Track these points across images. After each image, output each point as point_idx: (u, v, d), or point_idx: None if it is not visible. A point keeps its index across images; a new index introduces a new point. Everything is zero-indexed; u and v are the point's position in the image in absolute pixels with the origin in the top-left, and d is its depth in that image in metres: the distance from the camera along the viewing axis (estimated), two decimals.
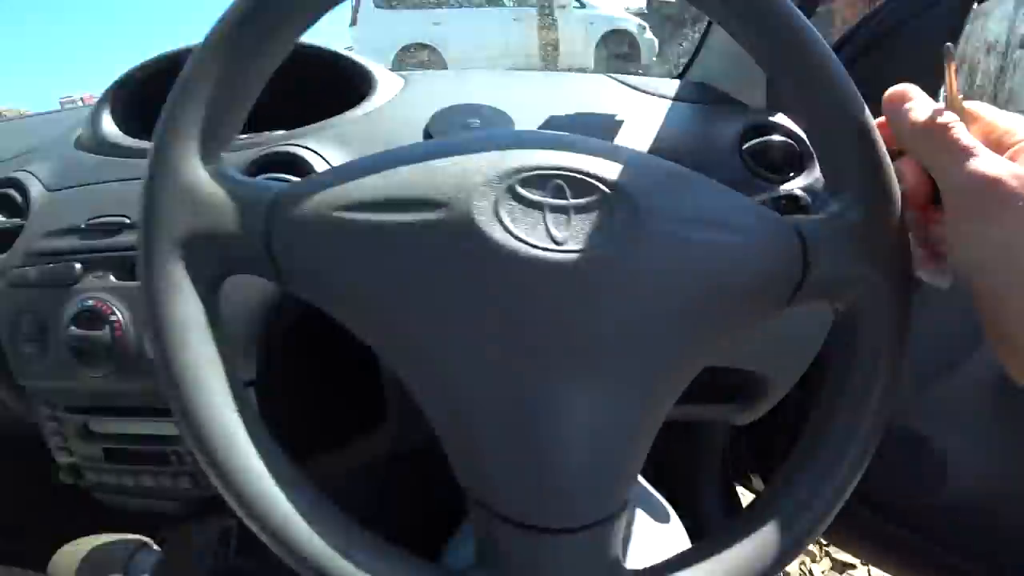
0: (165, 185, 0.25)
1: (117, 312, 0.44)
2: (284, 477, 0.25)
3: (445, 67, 5.26)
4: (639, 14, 6.60)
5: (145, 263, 0.25)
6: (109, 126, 0.57)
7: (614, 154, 0.28)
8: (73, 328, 0.44)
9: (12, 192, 0.53)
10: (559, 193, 0.26)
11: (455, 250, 0.25)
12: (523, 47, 5.27)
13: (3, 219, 0.51)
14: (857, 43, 0.68)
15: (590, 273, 0.25)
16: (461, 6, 5.54)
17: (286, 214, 0.26)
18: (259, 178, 0.47)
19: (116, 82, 0.60)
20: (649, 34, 6.11)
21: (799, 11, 0.28)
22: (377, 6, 5.38)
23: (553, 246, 0.24)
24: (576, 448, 0.25)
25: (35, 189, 0.53)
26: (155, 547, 0.41)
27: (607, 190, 0.26)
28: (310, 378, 0.57)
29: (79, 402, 0.49)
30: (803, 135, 0.54)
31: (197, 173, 0.26)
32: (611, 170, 0.26)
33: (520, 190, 0.25)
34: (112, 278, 0.46)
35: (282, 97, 0.62)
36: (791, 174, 0.52)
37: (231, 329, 0.44)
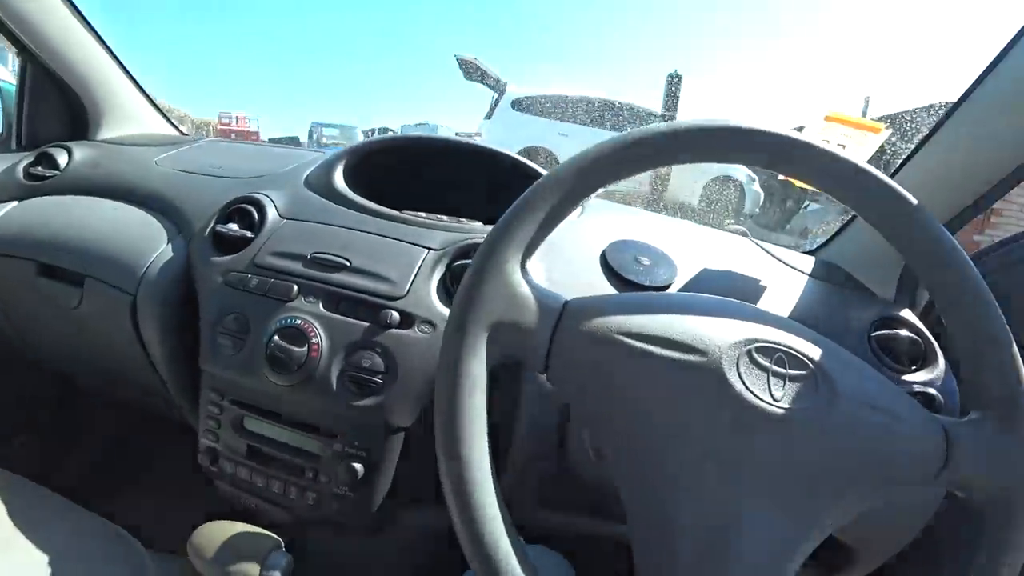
0: (491, 276, 0.33)
1: (318, 336, 0.52)
2: (510, 529, 0.31)
3: None
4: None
5: (458, 327, 0.32)
6: (339, 180, 0.69)
7: (821, 343, 0.35)
8: (277, 338, 0.52)
9: (251, 208, 0.64)
10: (780, 363, 0.33)
11: (704, 387, 0.32)
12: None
13: (236, 228, 0.62)
14: (998, 259, 0.71)
15: (794, 426, 0.32)
16: (588, 123, 6.05)
17: (574, 324, 0.33)
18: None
19: (353, 147, 0.73)
20: (756, 187, 6.28)
21: (948, 233, 0.36)
22: (513, 108, 6.04)
23: (772, 401, 0.32)
24: (754, 557, 0.30)
25: (271, 212, 0.64)
26: (284, 551, 0.45)
27: (815, 369, 0.33)
28: None
29: (248, 399, 0.56)
30: (928, 333, 0.58)
31: (515, 274, 0.34)
32: (819, 355, 0.34)
33: (755, 355, 0.33)
34: (321, 306, 0.54)
35: (481, 193, 0.73)
36: (913, 367, 0.55)
37: (411, 376, 0.51)
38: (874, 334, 0.57)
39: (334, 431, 0.53)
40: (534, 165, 0.71)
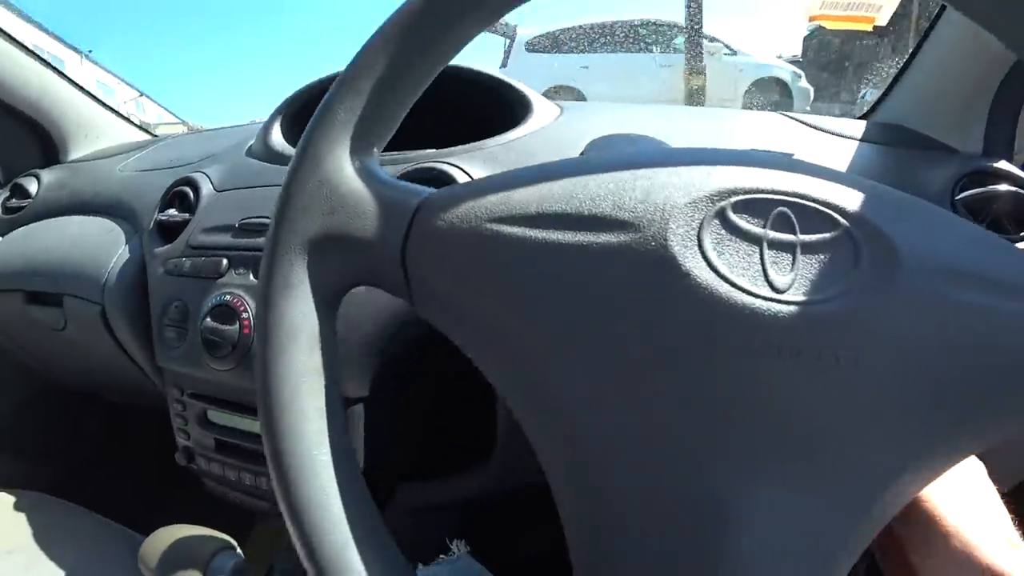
0: (304, 177, 0.23)
1: (249, 310, 0.46)
2: (353, 517, 0.21)
3: None
4: (794, 62, 6.23)
5: (267, 258, 0.23)
6: (277, 136, 0.61)
7: (855, 182, 0.21)
8: (208, 320, 0.46)
9: (187, 190, 0.58)
10: (784, 225, 0.19)
11: (640, 283, 0.19)
12: (669, 92, 5.20)
13: (176, 213, 0.57)
14: None
15: (821, 334, 0.18)
16: (610, 51, 5.64)
17: (430, 222, 0.22)
18: None
19: (288, 98, 0.65)
20: (804, 83, 5.71)
21: None
22: (528, 50, 5.64)
23: (771, 293, 0.18)
24: (762, 570, 0.18)
25: (206, 188, 0.58)
26: (237, 551, 0.41)
27: (850, 225, 0.19)
28: (422, 402, 0.55)
29: (203, 390, 0.52)
30: None
31: (341, 168, 0.23)
32: (854, 200, 0.20)
33: (732, 217, 0.20)
34: (251, 276, 0.48)
35: (438, 117, 0.63)
36: (1022, 233, 0.43)
37: (350, 337, 0.43)
38: (960, 196, 0.45)
39: None
40: (509, 80, 0.59)
